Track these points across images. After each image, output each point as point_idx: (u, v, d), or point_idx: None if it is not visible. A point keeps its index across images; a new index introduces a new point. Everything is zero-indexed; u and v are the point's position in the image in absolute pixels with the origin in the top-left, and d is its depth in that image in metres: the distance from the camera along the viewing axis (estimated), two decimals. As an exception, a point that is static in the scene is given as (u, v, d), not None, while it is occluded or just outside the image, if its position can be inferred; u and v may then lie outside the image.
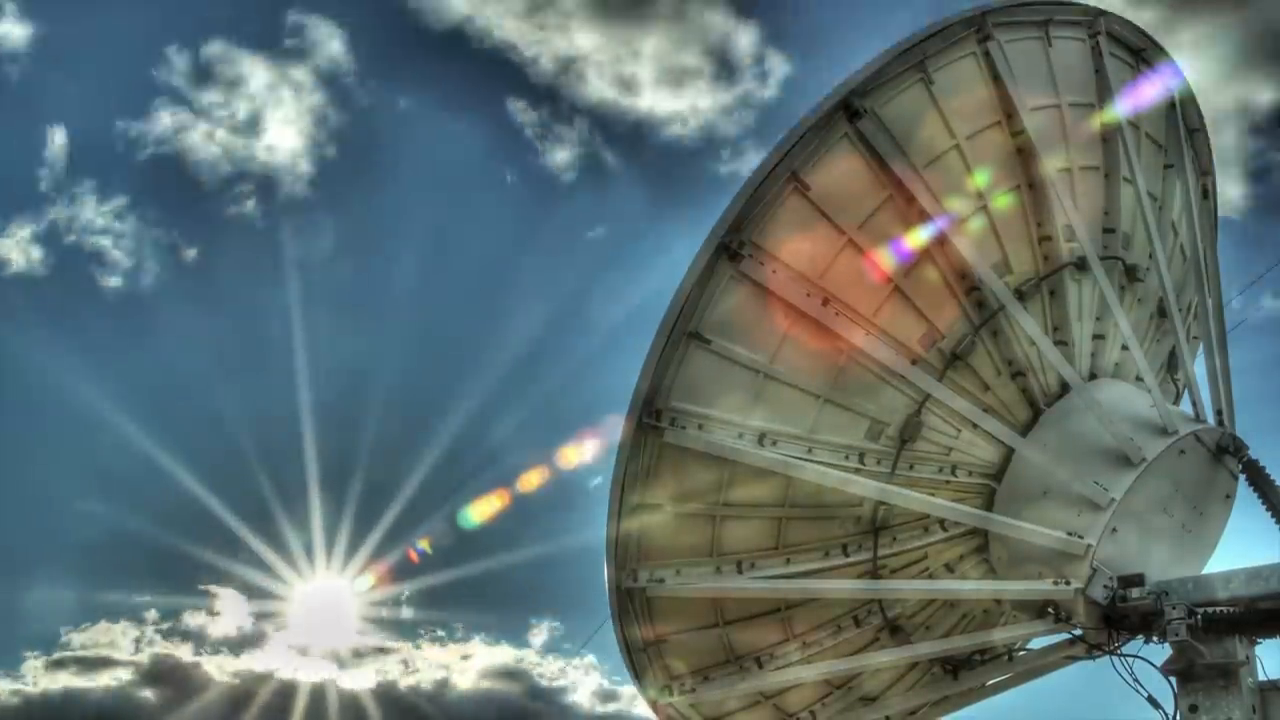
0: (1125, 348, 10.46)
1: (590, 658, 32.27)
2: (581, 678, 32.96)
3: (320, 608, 27.39)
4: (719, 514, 9.88)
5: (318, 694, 28.24)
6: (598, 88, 34.36)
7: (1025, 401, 10.22)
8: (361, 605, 27.53)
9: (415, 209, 35.98)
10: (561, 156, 35.52)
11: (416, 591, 28.38)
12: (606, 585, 9.91)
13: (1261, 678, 8.59)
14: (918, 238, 9.57)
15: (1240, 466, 9.95)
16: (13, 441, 33.31)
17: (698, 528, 9.90)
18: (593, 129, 35.85)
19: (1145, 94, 10.72)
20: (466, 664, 32.85)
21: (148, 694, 30.74)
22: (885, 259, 9.52)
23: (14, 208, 33.48)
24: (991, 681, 10.93)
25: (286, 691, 28.30)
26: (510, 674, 32.93)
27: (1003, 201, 10.05)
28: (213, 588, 30.60)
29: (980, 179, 9.85)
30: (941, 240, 9.58)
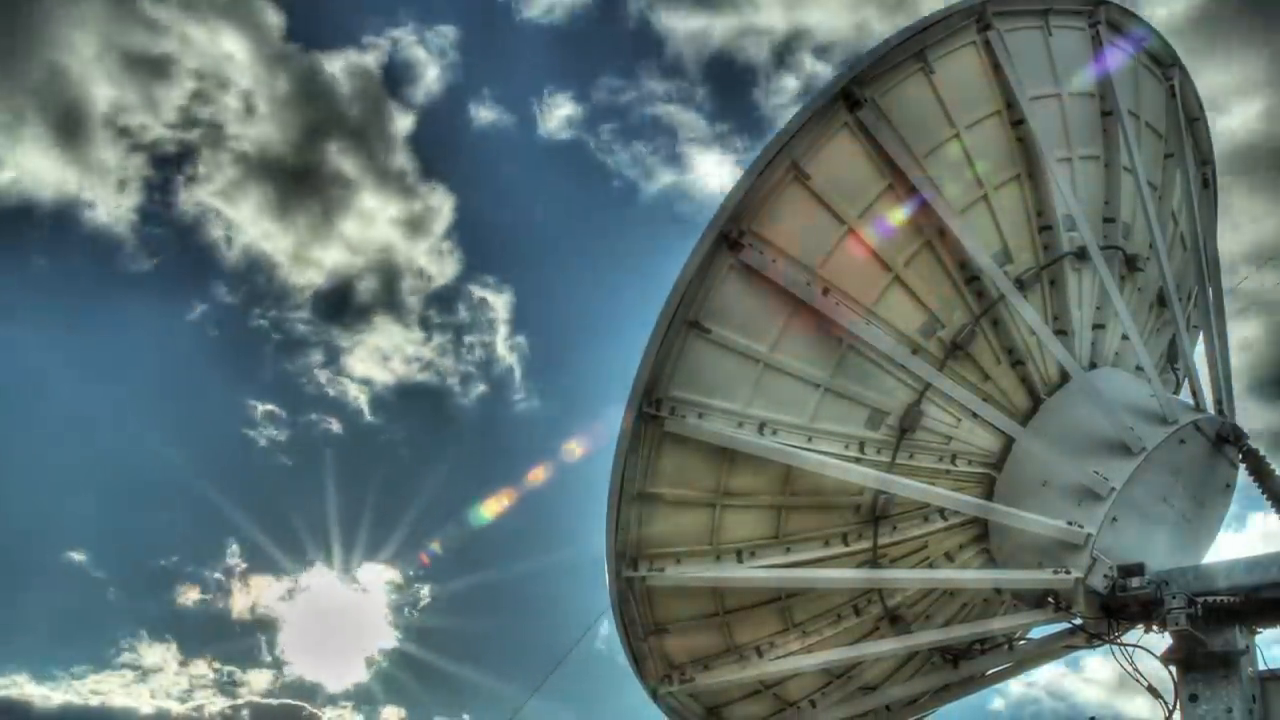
0: (1125, 337, 10.46)
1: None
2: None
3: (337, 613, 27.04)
4: (719, 503, 9.88)
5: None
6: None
7: (1025, 391, 10.22)
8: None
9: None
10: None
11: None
12: (607, 575, 9.92)
13: (1261, 667, 8.60)
14: (918, 227, 9.58)
15: (1240, 456, 9.95)
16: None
17: (698, 517, 9.90)
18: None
19: (1115, 59, 10.59)
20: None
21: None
22: (885, 248, 9.52)
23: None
24: (991, 670, 10.96)
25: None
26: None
27: (1003, 191, 10.04)
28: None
29: (980, 168, 9.85)
30: (941, 229, 9.58)
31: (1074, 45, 10.42)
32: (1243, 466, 9.99)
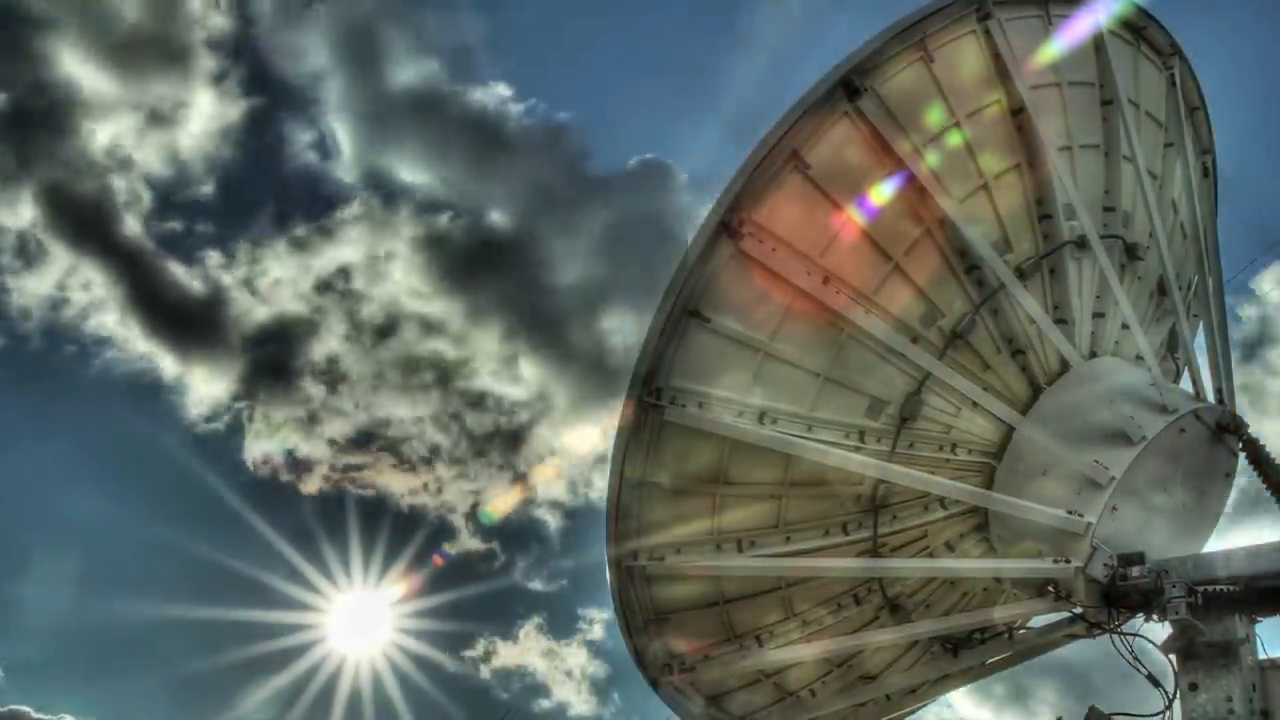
0: (1125, 326, 10.43)
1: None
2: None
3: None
4: (719, 492, 9.88)
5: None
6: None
7: (1025, 380, 10.20)
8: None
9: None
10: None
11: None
12: (607, 564, 9.93)
13: (1261, 656, 8.59)
14: (917, 216, 9.57)
15: (1240, 445, 9.93)
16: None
17: (698, 506, 9.91)
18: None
19: (1078, 31, 10.51)
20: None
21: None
22: (885, 237, 9.50)
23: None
24: (991, 660, 10.93)
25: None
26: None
27: (1003, 179, 10.03)
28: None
29: (980, 157, 9.83)
30: (941, 218, 9.56)
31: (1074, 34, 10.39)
32: (1243, 455, 9.99)
